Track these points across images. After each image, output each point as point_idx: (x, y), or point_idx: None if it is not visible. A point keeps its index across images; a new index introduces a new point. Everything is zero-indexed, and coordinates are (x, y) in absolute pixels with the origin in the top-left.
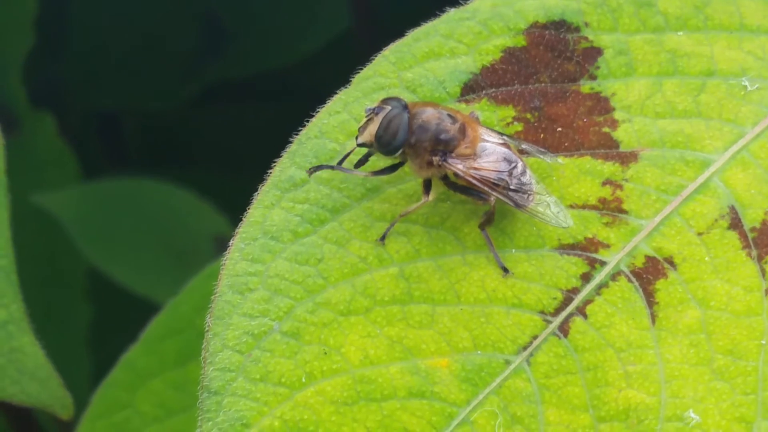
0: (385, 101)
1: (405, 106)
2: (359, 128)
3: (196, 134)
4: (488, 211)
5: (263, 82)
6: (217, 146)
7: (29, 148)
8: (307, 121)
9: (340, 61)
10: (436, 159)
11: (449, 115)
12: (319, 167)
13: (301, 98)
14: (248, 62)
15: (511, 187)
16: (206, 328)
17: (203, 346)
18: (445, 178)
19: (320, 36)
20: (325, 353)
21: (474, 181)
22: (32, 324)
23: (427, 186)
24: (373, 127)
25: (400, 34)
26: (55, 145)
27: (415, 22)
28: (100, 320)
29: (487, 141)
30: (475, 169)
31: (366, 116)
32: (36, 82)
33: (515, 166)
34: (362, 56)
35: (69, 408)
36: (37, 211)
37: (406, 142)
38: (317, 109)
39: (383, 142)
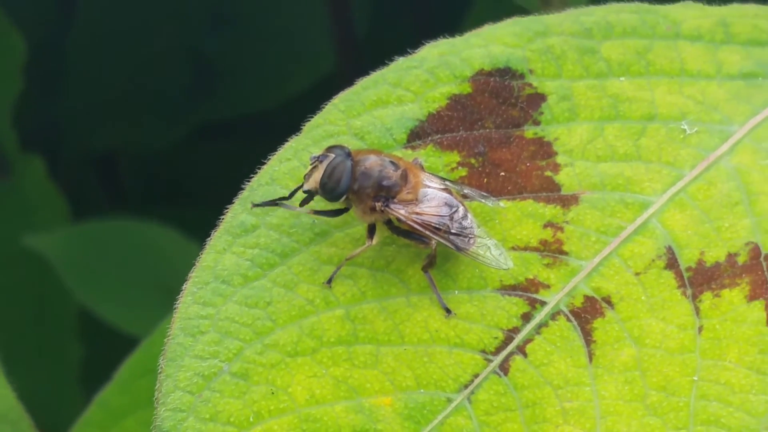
0: (330, 149)
1: (348, 154)
2: (305, 176)
3: (189, 173)
4: (430, 254)
5: (251, 122)
6: (209, 184)
7: (19, 191)
8: (259, 168)
9: (326, 102)
10: (378, 204)
11: (392, 162)
12: (264, 203)
13: (288, 137)
14: (237, 102)
15: (452, 230)
16: (159, 370)
17: (156, 387)
18: (388, 223)
19: (306, 77)
20: (273, 393)
21: (416, 226)
22: (22, 364)
23: (372, 230)
24: (317, 175)
25: None
26: (45, 187)
27: None
28: (92, 359)
29: (429, 186)
30: (417, 213)
31: (311, 164)
32: (29, 125)
33: (456, 211)
34: None
35: None
36: (27, 252)
37: (349, 189)
38: (268, 156)
39: (327, 189)
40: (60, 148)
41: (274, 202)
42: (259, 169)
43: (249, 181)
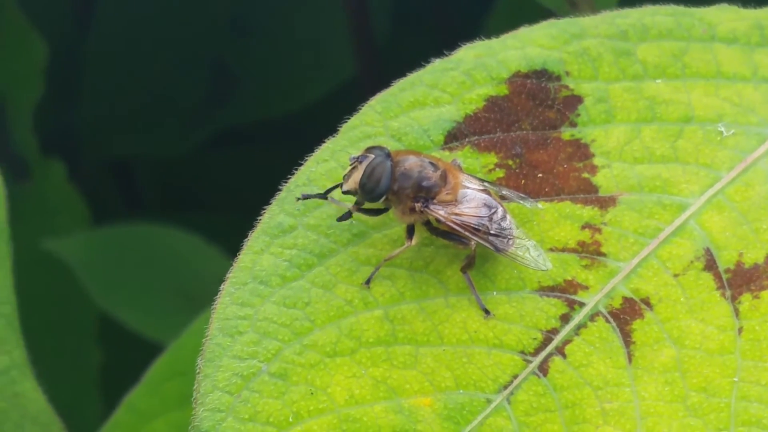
0: (369, 150)
1: (388, 155)
2: (344, 176)
3: (206, 179)
4: (469, 255)
5: (270, 128)
6: (227, 190)
7: (40, 195)
8: (296, 169)
9: (346, 107)
10: (418, 205)
11: (431, 163)
12: (311, 195)
13: (308, 143)
14: (256, 108)
15: (491, 231)
16: (197, 370)
17: (194, 387)
18: (427, 224)
19: (326, 83)
20: (312, 393)
21: (455, 227)
22: (42, 368)
23: (410, 231)
24: (357, 175)
25: None
26: (66, 191)
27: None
28: (111, 364)
29: (468, 187)
30: (456, 214)
31: (350, 164)
32: (48, 130)
33: (495, 212)
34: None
35: None
36: (47, 257)
37: (389, 190)
38: (305, 158)
39: (367, 190)
40: (79, 153)
41: (321, 195)
42: (296, 170)
43: (286, 182)
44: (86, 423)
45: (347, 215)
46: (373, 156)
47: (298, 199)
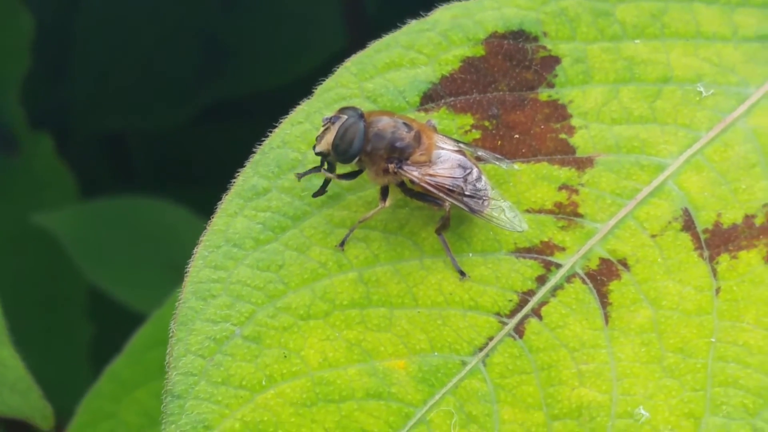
0: (342, 110)
1: (361, 115)
2: (317, 137)
3: (198, 152)
4: (444, 216)
5: (261, 100)
6: (218, 163)
7: (28, 169)
8: (270, 132)
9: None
10: (391, 166)
11: (404, 123)
12: (305, 173)
13: None
14: (247, 81)
15: (466, 192)
16: (170, 334)
17: (167, 351)
18: (401, 185)
19: (317, 55)
20: (285, 356)
21: (429, 188)
22: (32, 342)
23: (384, 193)
24: (329, 136)
25: None
26: (54, 165)
27: None
28: (102, 338)
29: (443, 148)
30: (431, 175)
31: (323, 125)
32: (38, 105)
33: (470, 173)
34: None
35: (49, 419)
36: (36, 231)
37: (362, 150)
38: (280, 120)
39: (339, 151)
40: (69, 127)
41: (315, 170)
42: (270, 132)
43: (260, 145)
44: (77, 397)
45: (322, 191)
46: (345, 117)
47: (300, 176)
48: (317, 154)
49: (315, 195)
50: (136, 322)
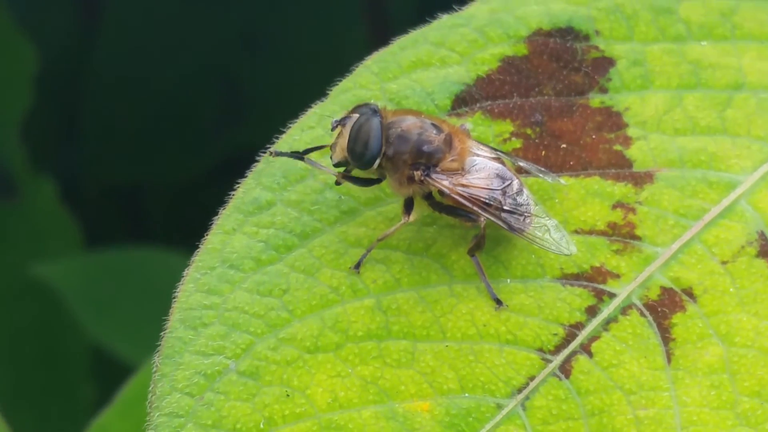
0: (354, 109)
1: (375, 111)
2: (330, 146)
3: (215, 204)
4: (478, 234)
5: None
6: None
7: (28, 215)
8: (277, 138)
9: None
10: (417, 173)
11: (433, 125)
12: (281, 153)
13: None
14: (268, 130)
15: (505, 207)
16: (153, 369)
17: (150, 388)
18: (429, 197)
19: None
20: (288, 395)
21: (461, 200)
22: (31, 404)
23: (408, 206)
24: (343, 141)
25: None
26: (56, 211)
27: None
28: (106, 400)
29: (478, 155)
30: (463, 186)
31: (332, 128)
32: (43, 147)
33: (510, 184)
34: None
35: None
36: (36, 283)
37: (380, 153)
38: (288, 124)
39: (356, 155)
40: (77, 174)
41: (296, 155)
42: (277, 138)
43: (265, 152)
44: None
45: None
46: (357, 115)
47: (274, 153)
48: (335, 165)
49: (337, 182)
50: None
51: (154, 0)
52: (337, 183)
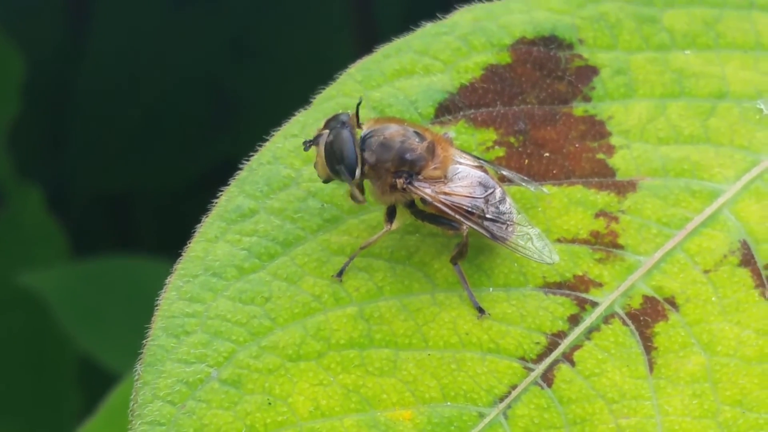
0: (325, 125)
1: (344, 123)
2: (314, 166)
3: (204, 212)
4: (461, 242)
5: None
6: None
7: (15, 223)
8: (260, 146)
9: None
10: (399, 181)
11: (416, 132)
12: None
13: None
14: (258, 137)
15: (488, 215)
16: (135, 377)
17: (131, 396)
18: (411, 206)
19: None
20: (270, 403)
21: (444, 208)
22: (17, 415)
23: (391, 214)
24: (321, 159)
25: None
26: (43, 220)
27: None
28: (92, 407)
29: (461, 163)
30: (446, 194)
31: (304, 149)
32: (30, 155)
33: (492, 193)
34: None
35: None
36: (23, 292)
37: (359, 162)
38: (271, 132)
39: (336, 170)
40: (65, 182)
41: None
42: (260, 147)
43: (248, 160)
44: None
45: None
46: (327, 131)
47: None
48: (325, 182)
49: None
50: None
51: (141, 8)
52: (357, 201)
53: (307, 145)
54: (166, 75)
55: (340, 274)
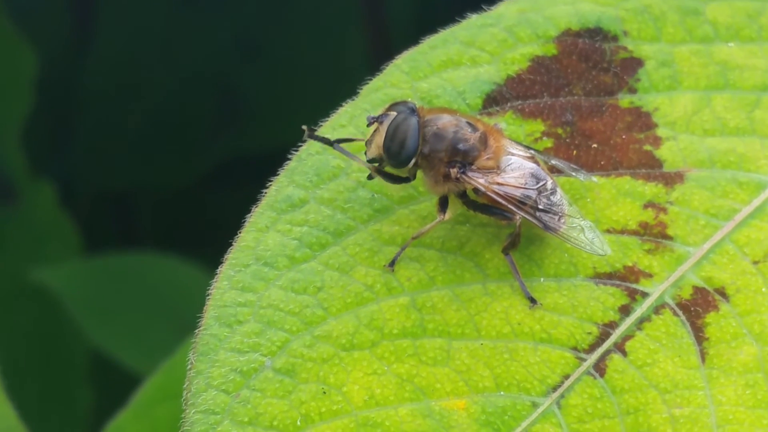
0: (392, 107)
1: (413, 110)
2: (366, 142)
3: (211, 210)
4: (513, 233)
5: (281, 155)
6: (232, 223)
7: (28, 220)
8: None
9: None
10: (453, 171)
11: (468, 123)
12: (315, 136)
13: None
14: (266, 135)
15: (540, 206)
16: (188, 366)
17: (185, 386)
18: (463, 196)
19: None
20: (324, 393)
21: (497, 198)
22: (28, 410)
23: (443, 204)
24: (379, 138)
25: None
26: (56, 216)
27: None
28: (104, 405)
29: (513, 154)
30: (499, 184)
31: (368, 124)
32: (41, 152)
33: (544, 184)
34: None
35: None
36: (35, 287)
37: (418, 152)
38: (319, 123)
39: (392, 153)
40: (74, 179)
41: (328, 141)
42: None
43: (297, 151)
44: None
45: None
46: (395, 113)
47: (308, 135)
48: (369, 161)
49: (369, 178)
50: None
51: (148, 6)
52: (370, 177)
53: (371, 120)
54: (173, 73)
55: (392, 264)
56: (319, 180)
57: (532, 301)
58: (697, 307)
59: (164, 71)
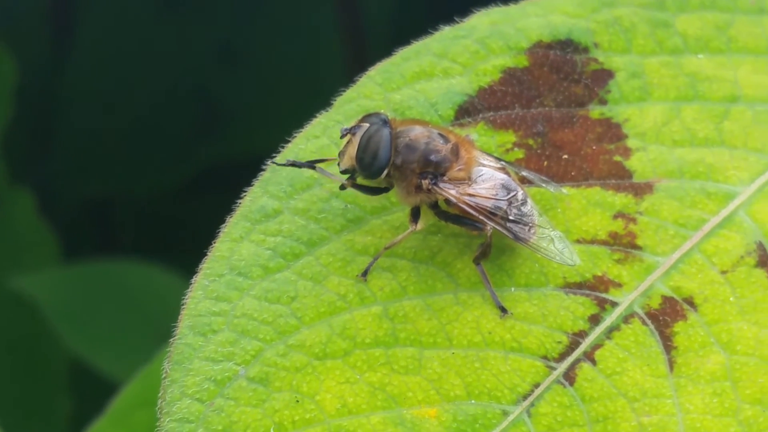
0: (364, 118)
1: (385, 122)
2: (339, 153)
3: (190, 217)
4: (484, 243)
5: (260, 163)
6: (211, 230)
7: (7, 228)
8: (282, 147)
9: None
10: (425, 182)
11: (440, 134)
12: (294, 163)
13: None
14: (245, 142)
15: (510, 217)
16: (163, 375)
17: (160, 394)
18: (435, 207)
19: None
20: (297, 401)
21: (468, 209)
22: (6, 418)
23: (415, 215)
24: (352, 150)
25: None
26: (35, 224)
27: None
28: (83, 414)
29: (484, 165)
30: (470, 195)
31: (341, 136)
32: (20, 159)
33: (515, 195)
34: None
35: None
36: (14, 295)
37: (390, 163)
38: (293, 134)
39: (365, 165)
40: (53, 187)
41: (309, 164)
42: (282, 147)
43: (271, 161)
44: None
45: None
46: (368, 124)
47: (280, 164)
48: (342, 172)
49: (342, 188)
50: None
51: (128, 13)
52: (342, 188)
53: (344, 131)
54: (153, 81)
55: (365, 273)
56: (293, 190)
57: (503, 310)
58: (665, 316)
59: (144, 79)
